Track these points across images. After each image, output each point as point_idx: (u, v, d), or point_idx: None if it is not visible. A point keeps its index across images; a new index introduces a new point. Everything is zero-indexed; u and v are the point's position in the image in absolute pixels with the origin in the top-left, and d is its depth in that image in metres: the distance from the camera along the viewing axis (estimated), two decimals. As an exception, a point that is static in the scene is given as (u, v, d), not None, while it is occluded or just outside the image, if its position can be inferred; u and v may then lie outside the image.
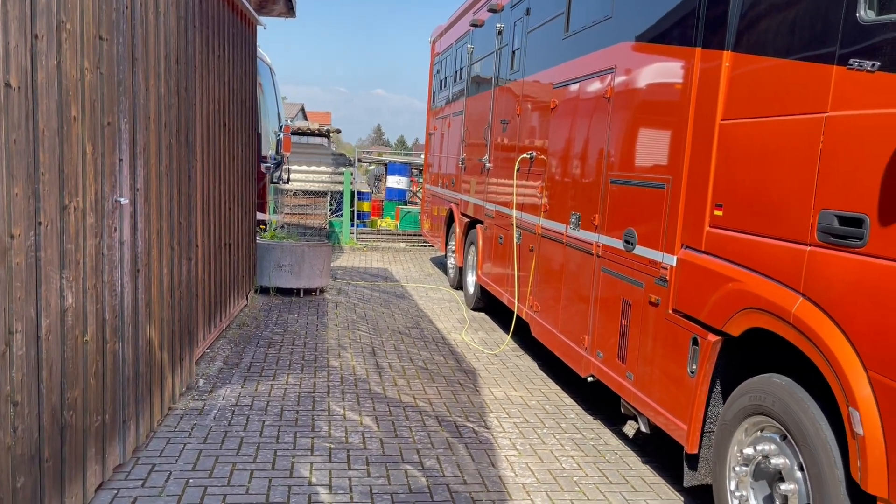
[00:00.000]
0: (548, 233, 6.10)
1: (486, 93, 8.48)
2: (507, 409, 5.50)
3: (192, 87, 5.33)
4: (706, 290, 3.63)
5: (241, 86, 7.69)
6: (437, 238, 11.45)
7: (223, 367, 6.08)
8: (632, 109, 4.68)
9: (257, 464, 4.22)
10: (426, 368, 6.44)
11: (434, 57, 12.35)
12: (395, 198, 18.71)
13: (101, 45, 3.49)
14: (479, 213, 8.59)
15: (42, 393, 2.91)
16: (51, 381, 3.00)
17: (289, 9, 8.88)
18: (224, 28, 6.75)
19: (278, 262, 9.20)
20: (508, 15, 7.71)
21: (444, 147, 11.06)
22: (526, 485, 4.18)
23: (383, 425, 4.97)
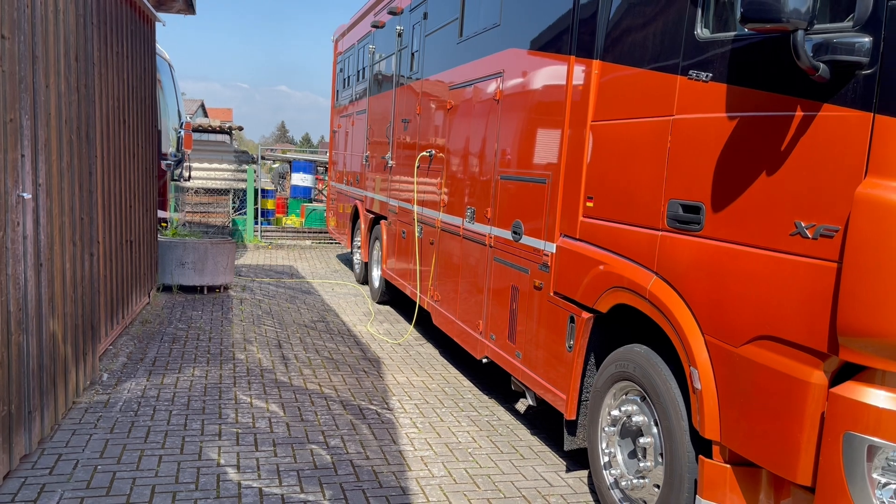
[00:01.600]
0: (447, 226, 6.46)
1: (388, 92, 8.77)
2: (408, 392, 5.83)
3: (91, 85, 5.37)
4: (580, 273, 4.06)
5: (140, 83, 7.68)
6: (343, 235, 11.65)
7: (127, 362, 6.12)
8: (518, 110, 5.09)
9: (165, 449, 4.37)
10: (332, 358, 6.68)
11: (337, 56, 12.53)
12: (301, 195, 18.72)
13: (3, 44, 3.57)
14: (384, 210, 8.88)
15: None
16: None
17: (189, 6, 8.89)
18: (123, 25, 6.75)
19: (181, 260, 9.20)
20: (408, 18, 8.03)
21: (349, 145, 11.28)
22: (424, 457, 4.52)
23: (289, 411, 5.19)
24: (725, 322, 2.98)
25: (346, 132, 11.51)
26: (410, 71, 7.88)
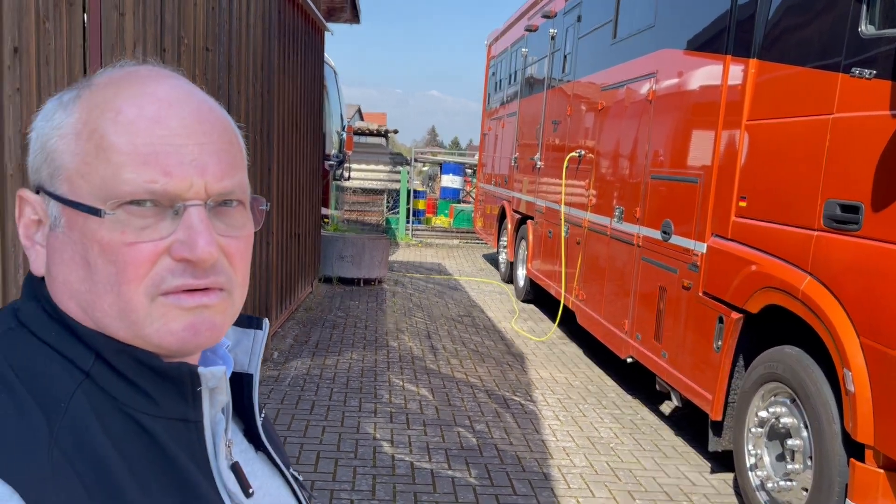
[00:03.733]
0: (594, 226, 6.54)
1: (539, 95, 8.94)
2: (551, 387, 5.98)
3: (272, 91, 5.96)
4: (731, 273, 4.04)
5: (310, 88, 8.34)
6: (490, 235, 11.94)
7: (294, 343, 6.71)
8: (670, 111, 5.11)
9: (328, 421, 4.80)
10: (477, 351, 6.95)
11: (490, 60, 12.85)
12: (450, 196, 19.27)
13: (207, 55, 4.11)
14: (530, 210, 9.06)
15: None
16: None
17: (354, 16, 9.52)
18: (298, 36, 7.39)
19: (341, 253, 9.84)
20: (561, 21, 8.17)
21: (498, 147, 11.56)
22: (566, 447, 4.66)
23: (438, 396, 5.50)
24: (883, 324, 2.91)
25: (496, 135, 11.79)
26: (562, 73, 8.01)
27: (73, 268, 0.69)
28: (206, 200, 0.70)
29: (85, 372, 0.67)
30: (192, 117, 0.71)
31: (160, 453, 0.68)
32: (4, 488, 0.58)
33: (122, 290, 0.68)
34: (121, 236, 0.67)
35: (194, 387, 0.72)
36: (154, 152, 0.68)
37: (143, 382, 0.69)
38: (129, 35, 3.06)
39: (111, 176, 0.67)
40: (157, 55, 3.33)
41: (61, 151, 0.70)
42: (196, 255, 0.68)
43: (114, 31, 2.93)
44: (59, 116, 0.71)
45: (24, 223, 0.73)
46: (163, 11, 3.41)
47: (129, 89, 0.71)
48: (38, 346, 0.68)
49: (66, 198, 0.69)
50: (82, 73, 2.74)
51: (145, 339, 0.69)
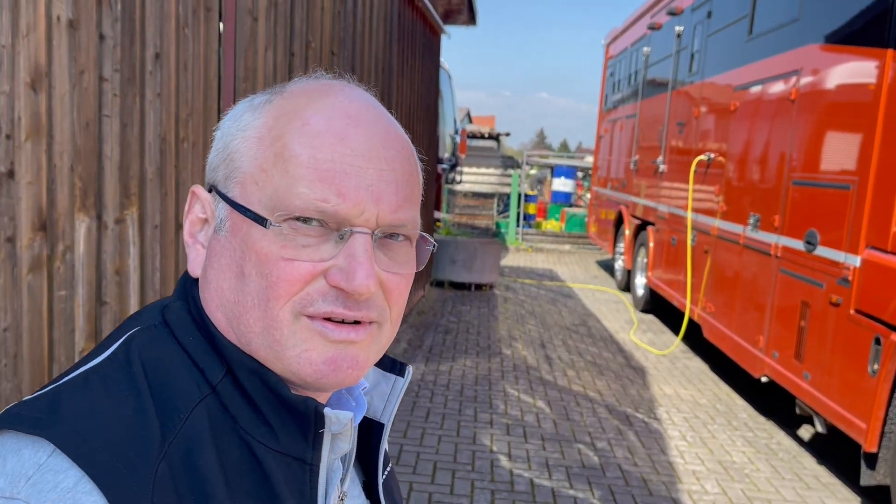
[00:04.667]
0: (724, 234, 6.15)
1: (662, 95, 8.56)
2: (676, 405, 5.65)
3: (391, 93, 5.95)
4: (891, 290, 3.64)
5: (426, 91, 8.33)
6: (605, 240, 11.58)
7: (407, 347, 6.68)
8: (817, 110, 4.69)
9: (444, 431, 4.71)
10: (594, 363, 6.69)
11: (607, 60, 12.49)
12: (561, 200, 18.92)
13: (333, 59, 4.10)
14: (651, 215, 8.68)
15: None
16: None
17: (471, 17, 9.45)
18: (416, 39, 7.38)
19: (452, 257, 9.79)
20: (689, 18, 7.77)
21: (615, 149, 11.19)
22: (696, 472, 4.35)
23: (555, 409, 5.30)
24: None
25: (613, 137, 11.42)
26: (689, 72, 7.61)
27: (228, 275, 0.66)
28: (374, 230, 0.65)
29: (212, 386, 0.64)
30: (377, 139, 0.66)
31: (268, 491, 0.63)
32: (97, 499, 0.54)
33: (269, 306, 0.64)
34: (280, 250, 0.63)
35: (317, 427, 0.66)
36: (332, 170, 0.64)
37: (267, 409, 0.65)
38: (261, 39, 3.07)
39: (285, 187, 0.64)
40: (286, 58, 3.33)
41: (241, 153, 0.67)
42: (353, 286, 0.63)
43: (247, 36, 2.94)
44: (246, 118, 0.69)
45: (191, 220, 0.71)
46: (293, 16, 3.42)
47: (321, 101, 0.67)
48: (174, 349, 0.65)
49: (236, 201, 0.66)
50: (217, 77, 2.75)
51: (284, 361, 0.65)
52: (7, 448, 0.56)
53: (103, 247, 2.08)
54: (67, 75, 1.87)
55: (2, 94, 1.64)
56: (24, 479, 0.53)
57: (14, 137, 1.69)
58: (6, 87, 1.65)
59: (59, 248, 1.88)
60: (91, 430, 0.56)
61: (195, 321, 0.68)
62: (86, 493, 0.53)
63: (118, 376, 0.61)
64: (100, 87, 2.02)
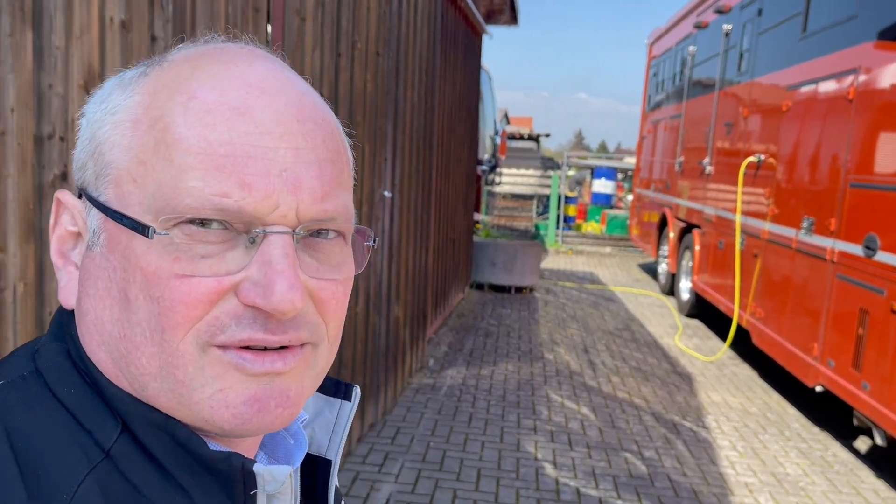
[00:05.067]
0: (775, 238, 5.97)
1: (709, 95, 8.36)
2: (725, 413, 5.49)
3: (434, 94, 5.90)
4: (961, 299, 3.46)
5: (467, 93, 8.26)
6: (648, 243, 11.38)
7: (448, 350, 6.62)
8: (878, 111, 4.51)
9: (487, 437, 4.63)
10: (640, 369, 6.55)
11: (650, 60, 12.28)
12: (601, 202, 18.69)
13: (378, 60, 4.07)
14: (697, 218, 8.50)
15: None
16: (335, 342, 3.58)
17: (513, 17, 9.36)
18: (458, 39, 7.32)
19: (492, 259, 9.71)
20: (737, 16, 7.58)
21: (659, 151, 10.99)
22: (748, 483, 4.21)
23: (600, 416, 5.19)
24: None
25: (657, 138, 11.23)
26: (738, 72, 7.42)
27: (108, 302, 0.52)
28: (294, 228, 0.51)
29: (104, 450, 0.50)
30: (290, 112, 0.52)
31: None
32: None
33: (165, 338, 0.50)
34: (171, 264, 0.49)
35: (247, 489, 0.52)
36: (232, 154, 0.49)
37: (178, 473, 0.51)
38: (308, 39, 3.04)
39: (171, 181, 0.49)
40: (333, 59, 3.30)
41: (112, 143, 0.52)
42: (272, 304, 0.49)
43: (295, 36, 2.91)
44: (115, 97, 0.54)
45: (59, 235, 0.56)
46: (339, 16, 3.38)
47: (210, 68, 0.52)
48: (49, 408, 0.51)
49: (109, 206, 0.51)
50: (265, 79, 2.73)
51: (192, 408, 0.51)
52: None
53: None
54: (120, 77, 1.86)
55: (56, 96, 1.62)
56: None
57: (67, 140, 1.67)
58: (60, 89, 1.63)
59: (111, 252, 1.87)
60: None
61: (76, 367, 0.53)
62: None
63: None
64: (151, 88, 2.01)
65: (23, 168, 1.55)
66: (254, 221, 0.50)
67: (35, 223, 1.60)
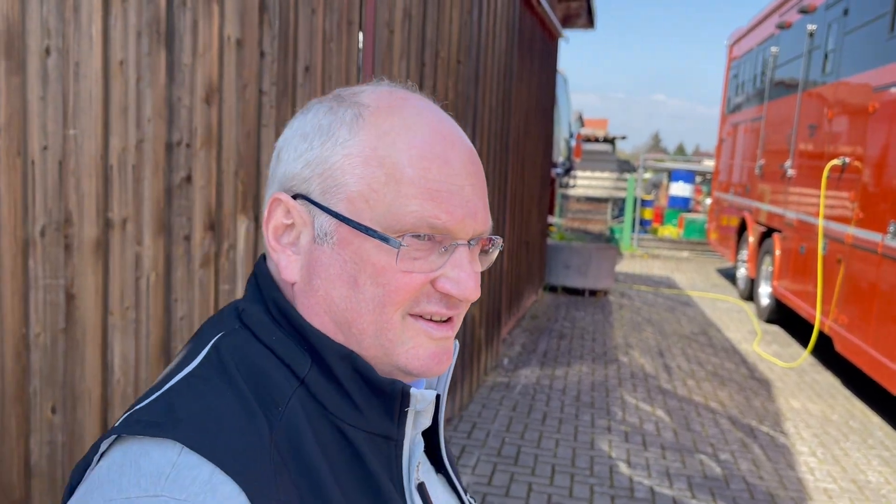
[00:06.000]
0: (860, 243, 5.83)
1: (791, 97, 8.19)
2: (805, 419, 5.40)
3: (510, 99, 6.03)
4: None
5: (543, 95, 8.35)
6: (727, 248, 11.18)
7: (521, 351, 6.72)
8: (970, 112, 4.38)
9: (561, 434, 4.72)
10: (716, 374, 6.50)
11: (730, 61, 12.05)
12: (679, 206, 18.37)
13: (459, 68, 4.23)
14: (777, 222, 8.33)
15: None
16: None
17: (590, 21, 9.39)
18: (535, 43, 7.42)
19: (566, 262, 9.74)
20: (822, 16, 7.41)
21: (738, 153, 10.79)
22: (828, 489, 4.17)
23: (675, 418, 5.20)
24: None
25: (736, 140, 11.02)
26: (822, 73, 7.26)
27: (338, 284, 0.71)
28: (470, 240, 0.72)
29: (300, 379, 0.69)
30: (467, 158, 0.73)
31: (363, 468, 0.69)
32: (233, 487, 0.58)
33: (384, 311, 0.70)
34: (398, 263, 0.69)
35: (402, 406, 0.72)
36: (440, 190, 0.69)
37: (354, 392, 0.70)
38: (396, 50, 3.22)
39: (398, 206, 0.69)
40: (418, 68, 3.47)
41: (346, 172, 0.70)
42: (465, 294, 0.71)
43: (384, 47, 3.09)
44: (342, 135, 0.71)
45: (274, 225, 0.73)
46: (425, 28, 3.55)
47: (416, 120, 0.72)
48: (260, 349, 0.70)
49: (348, 217, 0.70)
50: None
51: (393, 357, 0.71)
52: (135, 453, 0.60)
53: (259, 246, 2.27)
54: (234, 89, 2.06)
55: (183, 108, 1.83)
56: (163, 478, 0.58)
57: (192, 146, 1.88)
58: (187, 101, 1.85)
59: (224, 246, 2.07)
60: (210, 427, 0.61)
61: (275, 321, 0.72)
62: (222, 483, 0.58)
63: (218, 377, 0.66)
64: (259, 99, 2.21)
65: (155, 171, 1.76)
66: (450, 237, 0.71)
67: (164, 220, 1.81)
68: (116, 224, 1.62)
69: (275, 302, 0.73)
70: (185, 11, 1.82)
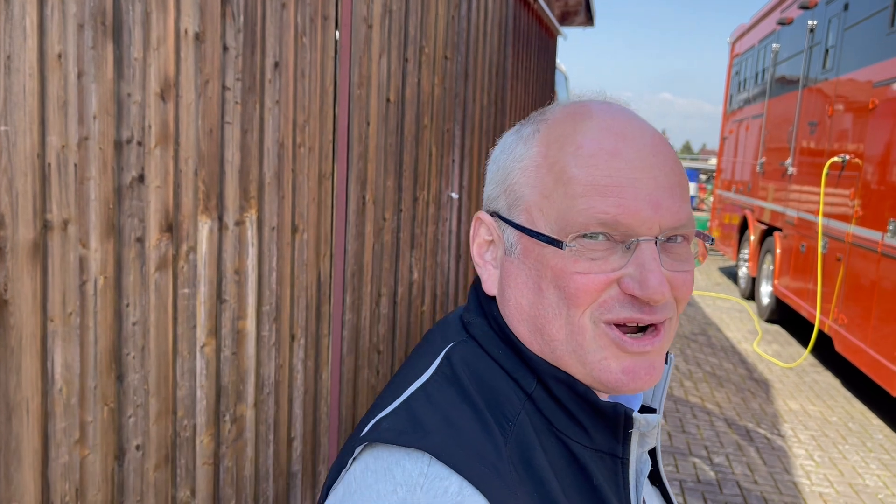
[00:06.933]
0: (859, 241, 5.73)
1: (792, 93, 8.09)
2: (803, 421, 5.31)
3: (504, 97, 5.94)
4: None
5: (541, 93, 8.26)
6: (728, 246, 11.07)
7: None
8: (970, 107, 4.28)
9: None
10: (714, 374, 6.40)
11: (733, 58, 11.94)
12: (682, 204, 18.21)
13: (445, 64, 4.15)
14: (778, 220, 8.22)
15: (395, 346, 3.60)
16: (401, 338, 3.68)
17: (588, 19, 9.30)
18: (531, 41, 7.34)
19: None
20: (823, 11, 7.30)
21: (740, 151, 10.68)
22: (823, 494, 4.08)
23: (671, 421, 5.11)
24: None
25: (738, 138, 10.91)
26: (822, 69, 7.15)
27: (525, 292, 0.72)
28: (656, 236, 0.69)
29: (528, 394, 0.70)
30: (647, 150, 0.70)
31: (588, 482, 0.69)
32: (479, 499, 0.60)
33: (570, 314, 0.69)
34: (573, 265, 0.68)
35: (626, 428, 0.72)
36: (610, 185, 0.68)
37: (579, 414, 0.70)
38: (375, 46, 3.14)
39: (567, 207, 0.69)
40: (400, 64, 3.40)
41: (522, 184, 0.73)
42: (647, 294, 0.67)
43: (362, 43, 3.02)
44: (519, 150, 0.74)
45: (479, 242, 0.78)
46: (407, 23, 3.48)
47: (587, 122, 0.72)
48: (489, 363, 0.72)
49: (526, 227, 0.71)
50: (332, 83, 2.84)
51: (586, 366, 0.70)
52: (389, 460, 0.63)
53: (224, 247, 2.20)
54: (193, 85, 1.99)
55: (134, 104, 1.76)
56: (418, 488, 0.60)
57: (144, 144, 1.81)
58: (138, 97, 1.77)
59: (184, 249, 2.00)
60: (454, 439, 0.63)
61: (498, 336, 0.74)
62: (470, 496, 0.60)
63: (454, 390, 0.69)
64: (223, 95, 2.13)
65: (103, 170, 1.69)
66: (629, 233, 0.68)
67: (114, 221, 1.74)
68: (56, 226, 1.55)
69: (494, 318, 0.75)
70: (135, 3, 1.74)
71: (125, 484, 1.83)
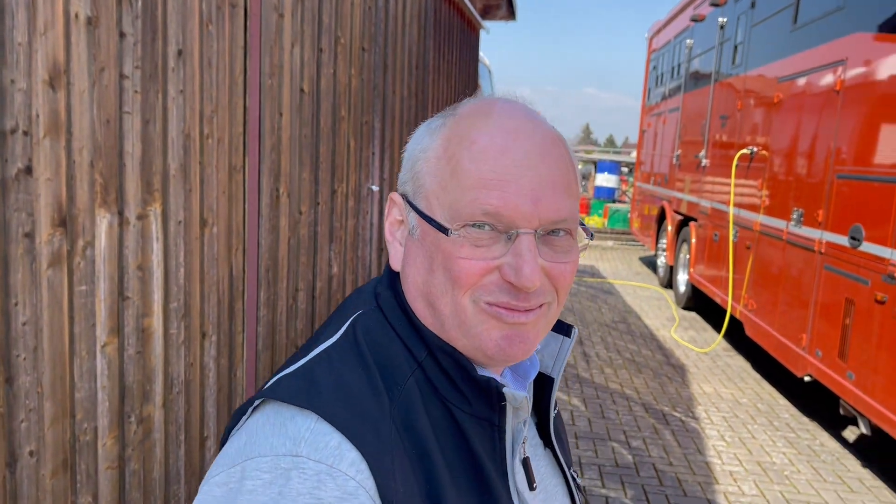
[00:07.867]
0: (766, 230, 5.99)
1: (705, 88, 8.37)
2: (716, 403, 5.52)
3: (426, 90, 5.94)
4: (940, 288, 3.48)
5: (464, 87, 8.29)
6: (648, 237, 11.40)
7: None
8: (864, 102, 4.53)
9: (476, 427, 4.68)
10: (633, 361, 6.59)
11: (650, 53, 12.27)
12: (604, 196, 18.68)
13: (363, 55, 4.11)
14: (693, 211, 8.51)
15: (314, 342, 3.55)
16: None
17: (510, 13, 9.38)
18: (453, 34, 7.35)
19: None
20: (732, 8, 7.58)
21: (658, 144, 11.00)
22: (733, 472, 4.25)
23: (591, 407, 5.23)
24: None
25: (657, 131, 11.23)
26: (732, 65, 7.43)
27: (421, 270, 0.79)
28: (536, 229, 0.75)
29: (418, 362, 0.78)
30: (535, 148, 0.76)
31: (467, 448, 0.76)
32: (357, 454, 0.67)
33: (454, 293, 0.76)
34: (459, 250, 0.75)
35: (500, 401, 0.79)
36: (496, 179, 0.74)
37: (460, 382, 0.78)
38: (287, 35, 3.08)
39: (458, 198, 0.75)
40: (314, 54, 3.34)
41: (424, 173, 0.79)
42: (521, 281, 0.74)
43: (273, 32, 2.95)
44: (426, 141, 0.81)
45: (391, 221, 0.85)
46: (321, 12, 3.42)
47: (485, 120, 0.78)
48: (388, 332, 0.79)
49: (424, 213, 0.78)
50: (242, 74, 2.77)
51: (470, 337, 0.77)
52: (284, 416, 0.70)
53: (125, 242, 2.11)
54: (87, 73, 1.90)
55: (19, 91, 1.67)
56: (303, 441, 0.68)
57: (32, 134, 1.72)
58: (23, 84, 1.68)
59: (80, 244, 1.91)
60: (342, 401, 0.71)
61: (400, 307, 0.81)
62: (348, 451, 0.67)
63: (352, 354, 0.76)
64: (120, 84, 2.05)
65: (-13, 161, 1.60)
66: (510, 225, 0.74)
67: (1, 216, 1.65)
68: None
69: (397, 291, 0.83)
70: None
71: (18, 491, 1.75)
